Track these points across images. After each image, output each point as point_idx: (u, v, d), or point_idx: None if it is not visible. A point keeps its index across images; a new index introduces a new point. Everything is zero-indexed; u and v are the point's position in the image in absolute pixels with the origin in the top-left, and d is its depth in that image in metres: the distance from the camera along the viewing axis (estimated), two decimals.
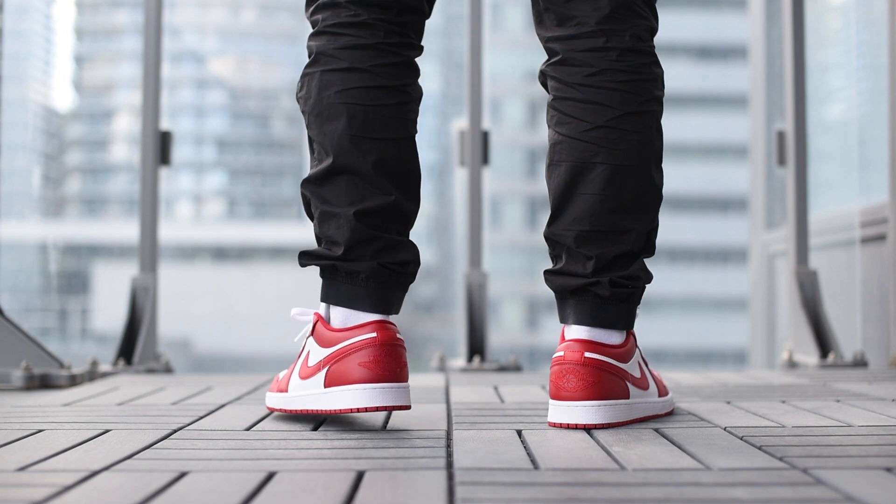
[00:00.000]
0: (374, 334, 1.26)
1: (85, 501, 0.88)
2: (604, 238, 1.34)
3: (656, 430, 1.27)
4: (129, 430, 1.29)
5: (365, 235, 1.29)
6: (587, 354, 1.28)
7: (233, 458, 1.08)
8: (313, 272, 1.37)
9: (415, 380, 1.98)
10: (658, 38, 1.46)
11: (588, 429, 1.27)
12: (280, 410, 1.39)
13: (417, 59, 1.38)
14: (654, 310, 31.37)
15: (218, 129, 42.22)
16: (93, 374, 2.19)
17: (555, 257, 1.39)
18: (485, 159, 2.76)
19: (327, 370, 1.28)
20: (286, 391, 1.37)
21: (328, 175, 1.31)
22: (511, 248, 32.09)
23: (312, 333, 1.33)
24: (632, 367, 1.34)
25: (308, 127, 1.34)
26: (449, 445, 1.17)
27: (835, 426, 1.31)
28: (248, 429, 1.31)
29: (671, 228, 33.16)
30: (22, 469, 1.02)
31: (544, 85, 1.43)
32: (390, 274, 1.30)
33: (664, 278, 31.53)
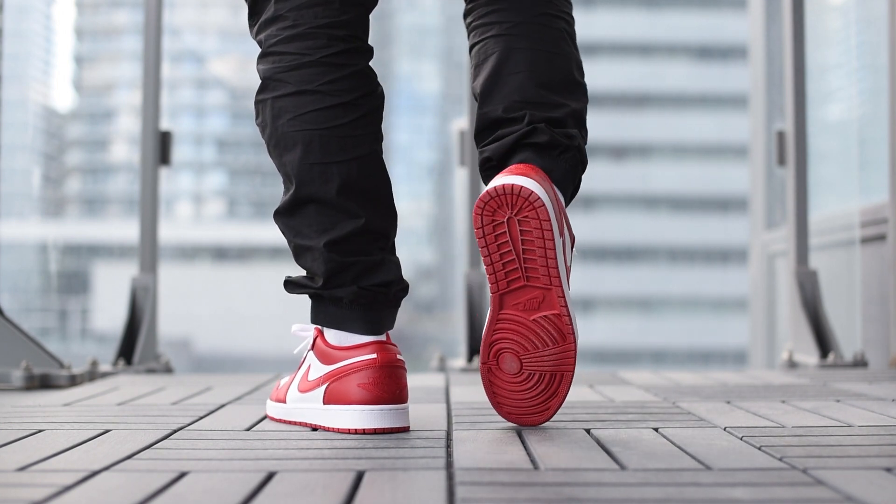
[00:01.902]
0: (375, 356, 1.25)
1: (85, 501, 0.88)
2: (535, 108, 1.29)
3: (656, 430, 1.27)
4: (129, 430, 1.29)
5: (340, 265, 1.27)
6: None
7: (233, 458, 1.08)
8: None
9: (415, 380, 1.98)
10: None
11: None
12: (279, 420, 1.39)
13: (371, 63, 1.33)
14: (654, 310, 31.35)
15: (218, 129, 42.19)
16: (93, 374, 2.19)
17: (484, 146, 1.32)
18: None
19: (327, 387, 1.28)
20: (285, 402, 1.37)
21: (295, 205, 1.29)
22: None
23: (313, 348, 1.32)
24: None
25: (270, 155, 1.32)
26: (449, 445, 1.16)
27: (835, 426, 1.31)
28: (248, 429, 1.31)
29: (671, 228, 33.15)
30: (22, 469, 1.02)
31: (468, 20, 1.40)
32: (374, 296, 1.28)
33: (664, 278, 31.52)
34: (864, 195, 3.06)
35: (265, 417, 1.42)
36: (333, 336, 1.30)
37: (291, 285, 1.34)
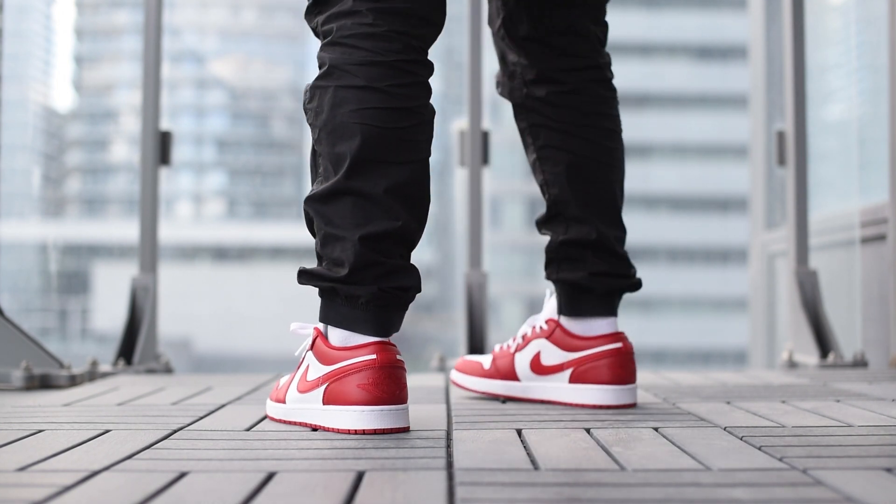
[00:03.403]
0: (374, 356, 1.25)
1: (85, 501, 0.88)
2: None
3: (656, 430, 1.27)
4: (129, 430, 1.29)
5: (368, 260, 1.27)
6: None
7: (233, 458, 1.08)
8: None
9: (415, 380, 1.98)
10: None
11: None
12: (279, 421, 1.39)
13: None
14: (654, 310, 31.35)
15: (218, 129, 42.20)
16: (93, 374, 2.19)
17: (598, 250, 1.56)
18: (485, 159, 2.76)
19: (326, 387, 1.28)
20: (284, 402, 1.37)
21: (334, 195, 1.28)
22: (511, 248, 32.09)
23: (312, 348, 1.32)
24: None
25: (317, 142, 1.31)
26: (449, 445, 1.17)
27: (835, 426, 1.31)
28: (248, 429, 1.31)
29: (671, 228, 33.15)
30: (22, 469, 1.02)
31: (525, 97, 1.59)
32: (390, 298, 1.29)
33: (664, 278, 31.51)
34: (864, 195, 3.06)
35: (265, 417, 1.42)
36: (337, 336, 1.30)
37: (307, 276, 1.32)
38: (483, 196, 2.76)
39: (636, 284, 1.58)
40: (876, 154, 2.91)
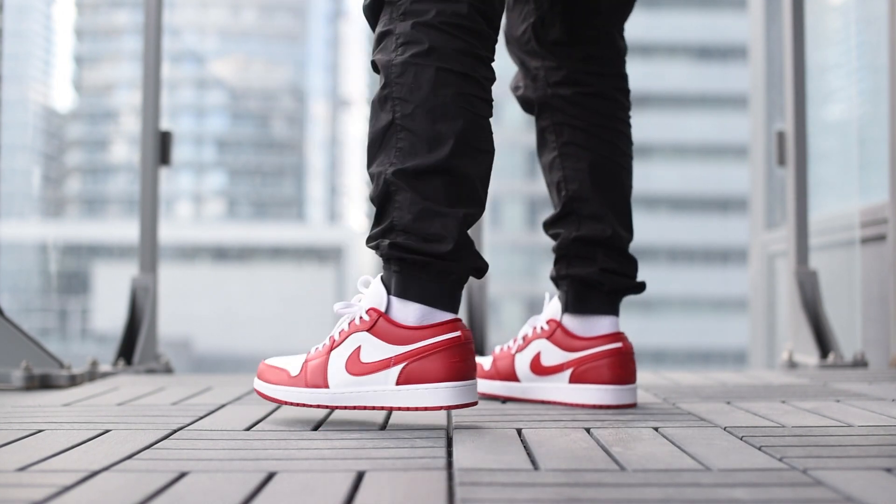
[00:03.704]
0: (459, 333, 1.28)
1: (85, 501, 0.88)
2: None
3: (656, 430, 1.27)
4: (129, 430, 1.29)
5: (467, 240, 1.31)
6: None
7: (233, 458, 1.08)
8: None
9: None
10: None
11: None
12: (310, 406, 1.34)
13: None
14: (654, 310, 31.36)
15: (218, 129, 42.22)
16: (93, 375, 2.19)
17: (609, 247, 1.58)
18: None
19: (403, 367, 1.27)
20: (325, 386, 1.33)
21: (432, 172, 1.29)
22: (511, 248, 32.09)
23: (370, 329, 1.30)
24: None
25: (407, 116, 1.30)
26: (449, 445, 1.17)
27: (835, 426, 1.31)
28: (248, 429, 1.31)
29: (671, 228, 33.16)
30: (22, 469, 1.02)
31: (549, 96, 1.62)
32: (470, 278, 1.34)
33: (664, 278, 31.52)
34: (864, 195, 3.06)
35: (265, 417, 1.41)
36: (413, 314, 1.29)
37: (399, 248, 1.29)
38: None
39: (641, 287, 1.61)
40: (876, 154, 2.91)
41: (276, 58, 43.01)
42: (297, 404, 1.35)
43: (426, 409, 1.27)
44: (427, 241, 1.29)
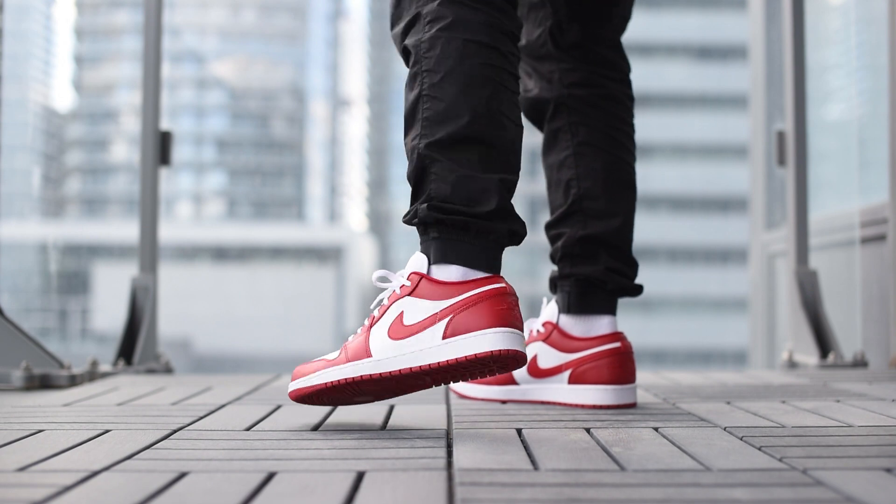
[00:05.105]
0: (503, 284, 1.27)
1: (85, 501, 0.88)
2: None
3: (656, 430, 1.27)
4: (129, 430, 1.29)
5: (507, 202, 1.32)
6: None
7: (233, 458, 1.08)
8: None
9: None
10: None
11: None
12: (353, 378, 1.28)
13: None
14: (654, 310, 31.37)
15: (218, 129, 42.23)
16: (93, 375, 2.19)
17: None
18: None
19: (449, 320, 1.25)
20: (369, 356, 1.28)
21: (462, 140, 1.30)
22: (511, 247, 32.08)
23: (412, 293, 1.29)
24: None
25: (435, 86, 1.32)
26: (449, 445, 1.17)
27: (835, 426, 1.31)
28: (248, 429, 1.31)
29: (671, 228, 33.17)
30: (22, 469, 1.02)
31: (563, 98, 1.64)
32: (510, 240, 1.33)
33: (664, 278, 31.53)
34: (864, 195, 3.06)
35: (265, 417, 1.41)
36: (454, 273, 1.29)
37: (437, 209, 1.29)
38: None
39: (639, 289, 1.62)
40: (876, 154, 2.91)
41: (276, 58, 43.03)
42: (340, 381, 1.28)
43: (475, 356, 1.23)
44: (468, 204, 1.30)
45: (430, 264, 1.30)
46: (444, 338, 1.25)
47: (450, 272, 1.29)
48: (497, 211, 1.30)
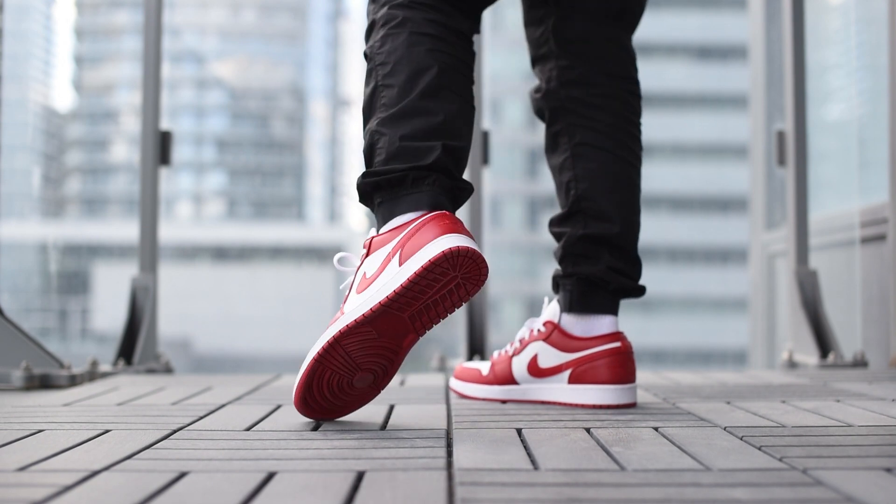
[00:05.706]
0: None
1: (85, 501, 0.88)
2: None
3: (656, 430, 1.27)
4: (129, 430, 1.29)
5: (447, 163, 1.36)
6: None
7: (233, 458, 1.08)
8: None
9: (414, 380, 1.99)
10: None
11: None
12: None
13: None
14: (654, 310, 31.36)
15: (218, 129, 42.22)
16: (93, 374, 2.19)
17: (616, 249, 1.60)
18: (485, 159, 2.76)
19: (401, 252, 1.30)
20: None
21: (408, 113, 1.37)
22: (511, 248, 32.09)
23: (368, 253, 1.34)
24: None
25: (388, 75, 1.40)
26: (449, 445, 1.17)
27: (835, 426, 1.31)
28: (248, 429, 1.31)
29: (671, 228, 33.16)
30: (22, 469, 1.02)
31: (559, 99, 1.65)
32: (451, 191, 1.36)
33: (664, 278, 31.52)
34: (864, 195, 3.06)
35: (265, 417, 1.41)
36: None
37: (372, 175, 1.36)
38: (483, 196, 2.76)
39: (641, 290, 1.61)
40: (876, 154, 2.91)
41: (276, 58, 43.02)
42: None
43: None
44: (405, 162, 1.35)
45: (377, 230, 1.37)
46: (400, 264, 1.29)
47: (393, 223, 1.34)
48: (434, 164, 1.35)
